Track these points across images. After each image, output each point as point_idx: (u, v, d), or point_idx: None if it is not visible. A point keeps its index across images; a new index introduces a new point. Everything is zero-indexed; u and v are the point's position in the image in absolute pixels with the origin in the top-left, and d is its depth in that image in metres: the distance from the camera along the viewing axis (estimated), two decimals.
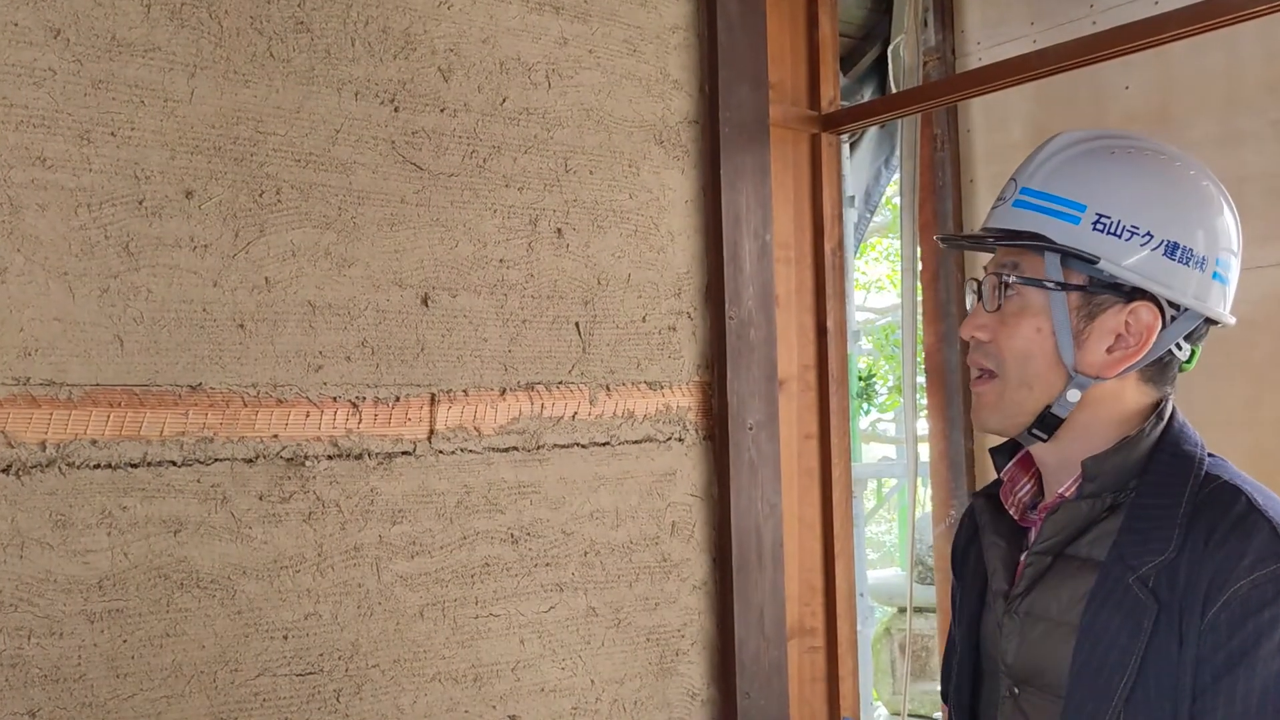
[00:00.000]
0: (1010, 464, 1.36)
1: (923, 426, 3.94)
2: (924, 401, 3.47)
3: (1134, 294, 1.22)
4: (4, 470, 1.56)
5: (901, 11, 3.36)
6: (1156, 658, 1.13)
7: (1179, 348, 1.24)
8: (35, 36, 1.61)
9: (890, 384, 8.68)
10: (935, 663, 5.17)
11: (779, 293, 2.41)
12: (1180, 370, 1.28)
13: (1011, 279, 1.25)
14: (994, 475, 1.40)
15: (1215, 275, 1.24)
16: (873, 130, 4.32)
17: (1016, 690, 1.26)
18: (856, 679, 2.46)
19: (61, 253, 1.62)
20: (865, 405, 8.64)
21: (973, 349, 1.31)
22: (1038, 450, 1.31)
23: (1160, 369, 1.26)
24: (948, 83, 2.55)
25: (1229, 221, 1.26)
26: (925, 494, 5.30)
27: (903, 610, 5.72)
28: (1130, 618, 1.15)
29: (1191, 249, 1.22)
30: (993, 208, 1.32)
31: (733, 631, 2.20)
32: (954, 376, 3.21)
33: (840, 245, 2.50)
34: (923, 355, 3.35)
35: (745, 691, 2.21)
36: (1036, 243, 1.23)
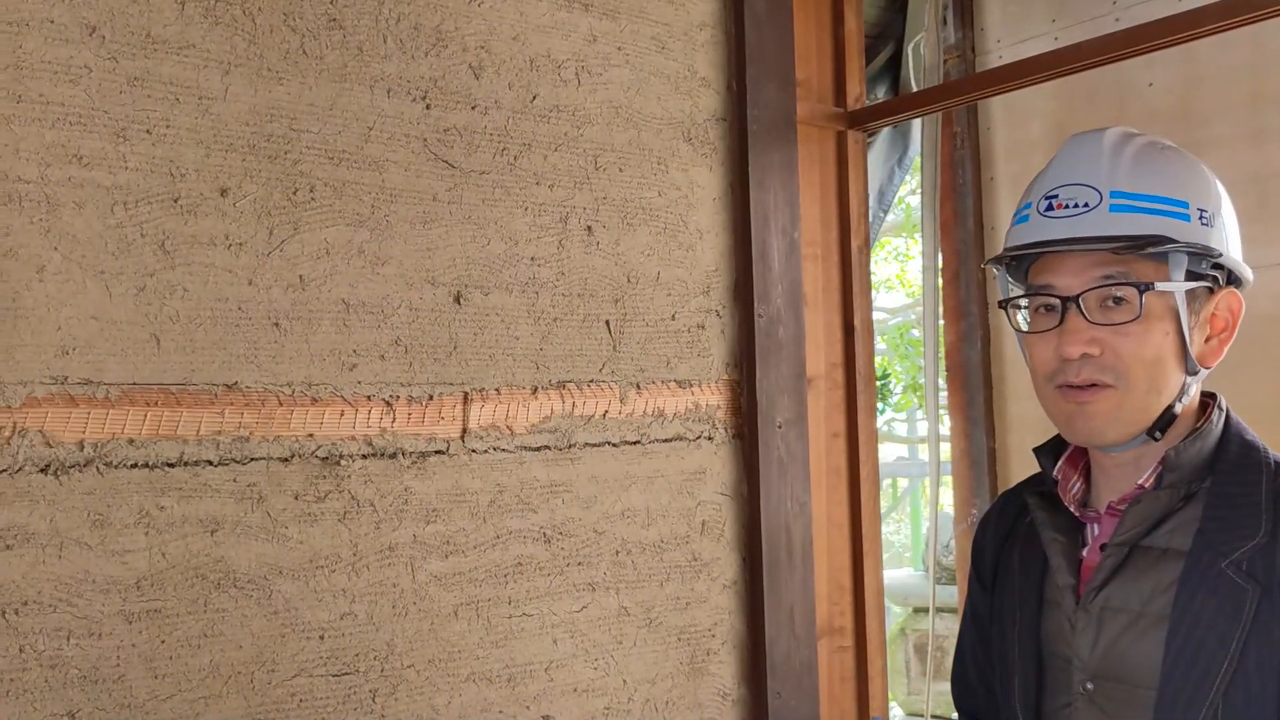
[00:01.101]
0: (1061, 463, 1.35)
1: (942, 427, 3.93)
2: (945, 400, 3.46)
3: (1215, 281, 1.24)
4: (42, 470, 1.55)
5: (920, 9, 3.35)
6: (1259, 641, 1.13)
7: None
8: (71, 34, 1.60)
9: (904, 384, 8.67)
10: (950, 663, 5.15)
11: (806, 291, 2.40)
12: None
13: (1154, 285, 1.21)
14: (1020, 469, 1.40)
15: None
16: (886, 130, 4.31)
17: (1091, 686, 1.24)
18: (885, 679, 2.45)
19: (98, 251, 1.61)
20: (879, 405, 8.63)
21: (1072, 367, 1.24)
22: (1098, 454, 1.30)
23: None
24: (972, 80, 2.54)
25: None
26: (944, 494, 5.29)
27: (917, 610, 5.70)
28: (1228, 602, 1.15)
29: (1237, 229, 1.28)
30: (1066, 215, 1.24)
31: (763, 631, 2.19)
32: (975, 376, 3.20)
33: (866, 243, 2.49)
34: (944, 354, 3.34)
35: (776, 691, 2.20)
36: (1164, 245, 1.20)
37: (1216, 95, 2.68)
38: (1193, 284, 1.23)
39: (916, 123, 3.52)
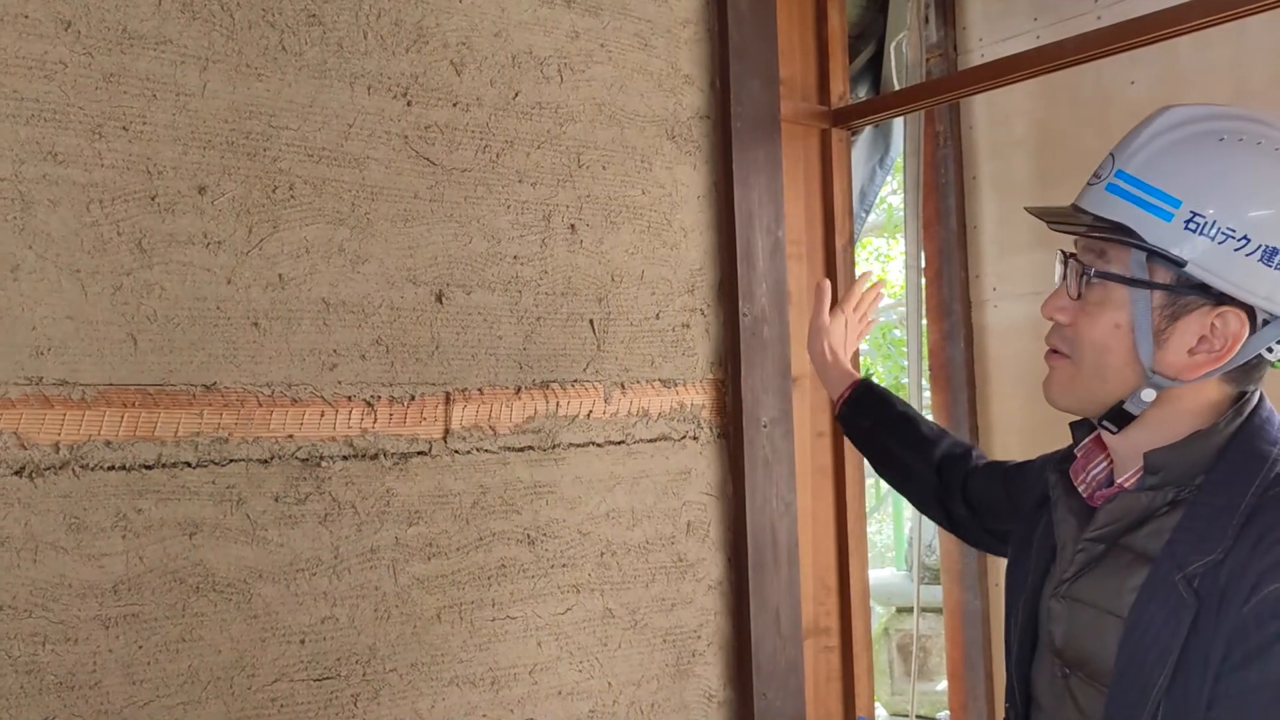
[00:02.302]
0: (1087, 440, 1.33)
1: None
2: (928, 399, 3.45)
3: (1223, 297, 1.15)
4: (17, 472, 1.53)
5: (901, 9, 3.35)
6: (1192, 656, 1.10)
7: (1270, 350, 1.18)
8: (45, 29, 1.58)
9: (886, 383, 8.68)
10: (933, 662, 5.16)
11: (791, 289, 2.39)
12: (1274, 366, 1.21)
13: (1092, 272, 1.20)
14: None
15: None
16: (867, 130, 4.31)
17: (1067, 672, 1.24)
18: (871, 678, 2.44)
19: (74, 249, 1.58)
20: None
21: (1052, 328, 1.27)
22: (1106, 436, 1.28)
23: (1245, 370, 1.20)
24: (955, 78, 2.53)
25: None
26: None
27: (900, 610, 5.70)
28: (1173, 615, 1.12)
29: None
30: (1088, 183, 1.24)
31: (749, 632, 2.18)
32: (959, 374, 3.19)
33: (850, 241, 2.48)
34: (927, 354, 3.33)
35: (762, 692, 2.18)
36: (1121, 237, 1.17)
37: (1198, 94, 2.69)
38: (1141, 286, 1.16)
39: (898, 122, 3.52)
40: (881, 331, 8.49)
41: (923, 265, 3.30)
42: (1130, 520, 1.21)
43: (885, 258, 9.22)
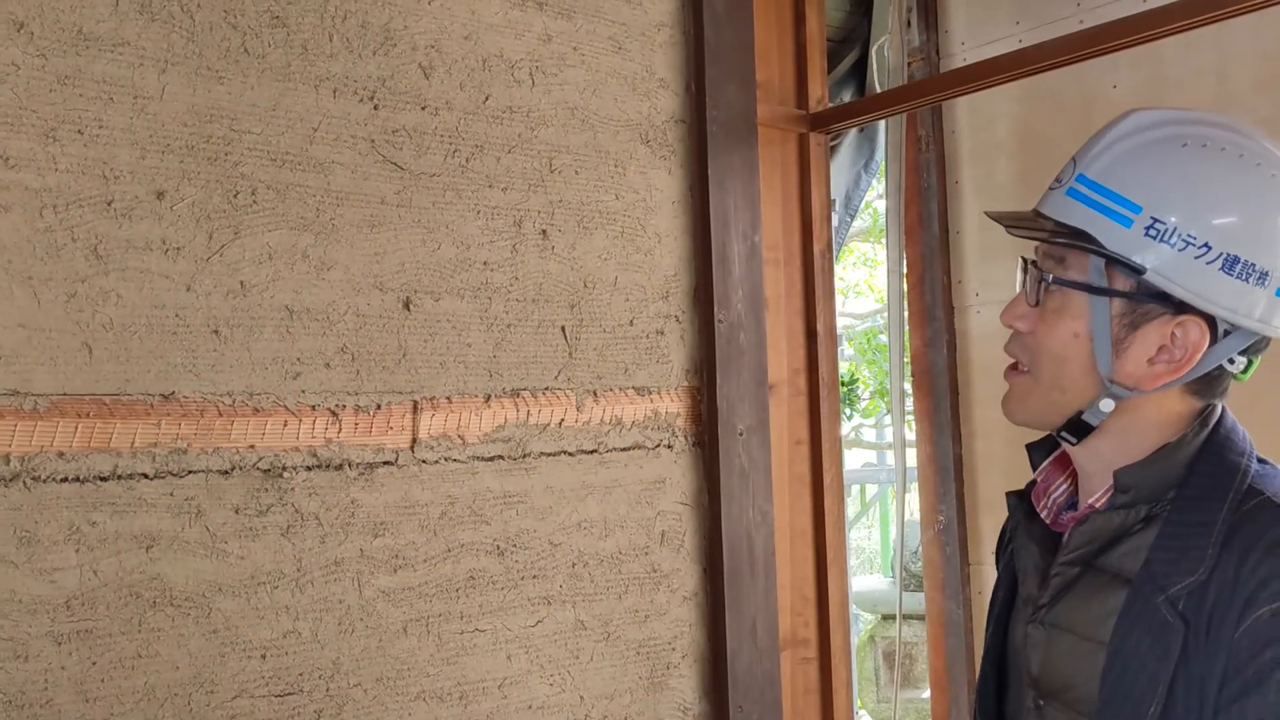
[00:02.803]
0: (1046, 464, 1.30)
1: (909, 432, 3.90)
2: (911, 406, 3.42)
3: (1184, 306, 1.11)
4: None
5: (883, 12, 3.32)
6: (1185, 682, 1.07)
7: (1231, 362, 1.15)
8: None
9: (872, 389, 8.65)
10: (918, 670, 5.12)
11: (768, 295, 2.36)
12: (1236, 379, 1.18)
13: (1050, 279, 1.16)
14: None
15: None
16: (852, 134, 4.27)
17: (1041, 703, 1.20)
18: (850, 690, 2.41)
19: (26, 256, 1.54)
20: (847, 411, 8.60)
21: (1011, 337, 1.24)
22: (1071, 451, 1.24)
23: (1208, 382, 1.17)
24: (936, 81, 2.50)
25: None
26: (911, 500, 5.26)
27: (886, 618, 5.67)
28: (1159, 641, 1.08)
29: (1254, 263, 1.10)
30: (1050, 188, 1.21)
31: (725, 643, 2.14)
32: (942, 380, 3.17)
33: (829, 247, 2.44)
34: (909, 359, 3.30)
35: (738, 705, 2.15)
36: (1079, 243, 1.14)
37: (1181, 98, 2.66)
38: (1100, 293, 1.13)
39: (882, 127, 3.49)
40: (866, 337, 8.47)
41: (905, 270, 3.27)
42: (1104, 541, 1.17)
43: (873, 262, 9.20)
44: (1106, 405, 1.16)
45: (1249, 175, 1.12)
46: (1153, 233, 1.11)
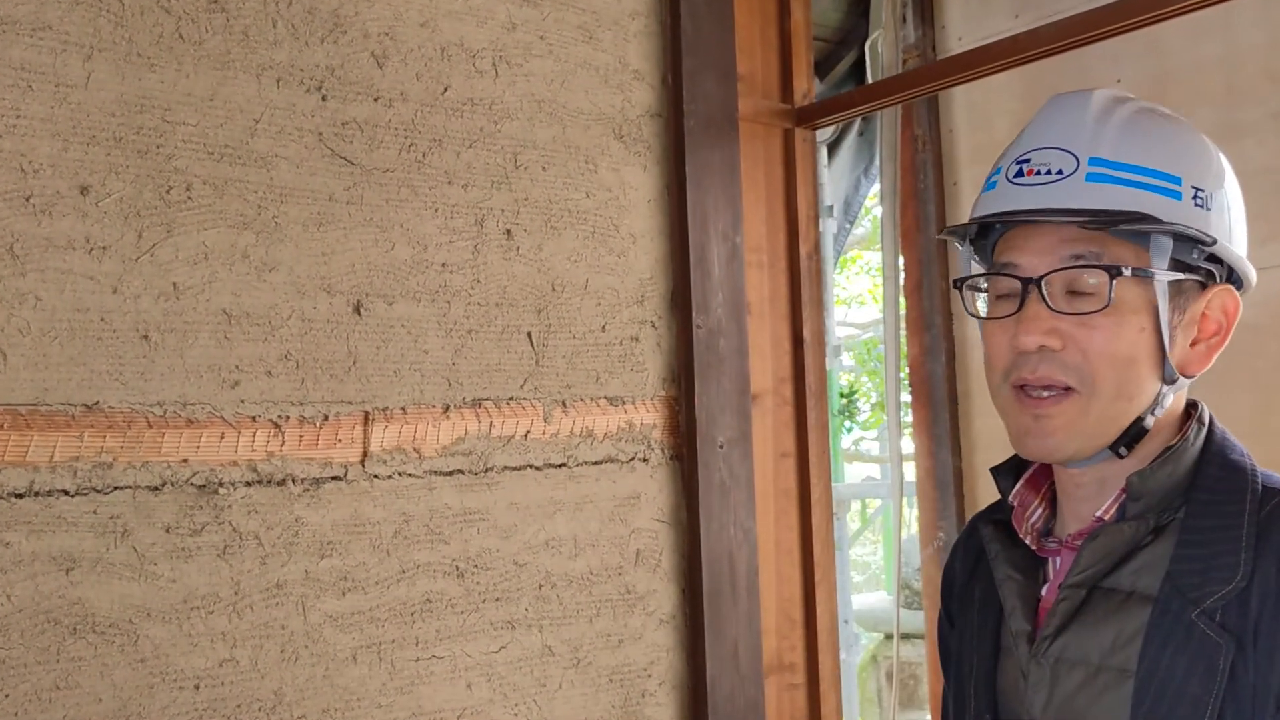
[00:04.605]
0: (1019, 485, 1.17)
1: (907, 445, 3.76)
2: (909, 418, 3.29)
3: (1211, 277, 1.08)
4: None
5: (879, 7, 3.20)
6: (1236, 705, 0.95)
7: None
8: None
9: (873, 401, 8.50)
10: (923, 691, 4.97)
11: (751, 300, 2.24)
12: None
13: (1129, 270, 1.03)
14: (987, 489, 1.22)
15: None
16: (851, 138, 4.15)
17: None
18: (840, 718, 2.28)
19: None
20: (848, 423, 8.46)
21: (1024, 360, 1.07)
22: (1076, 470, 1.11)
23: None
24: (929, 70, 2.38)
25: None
26: (911, 515, 5.13)
27: (889, 637, 5.52)
28: (1200, 660, 0.97)
29: (1242, 220, 1.11)
30: (1034, 184, 1.08)
31: (704, 669, 2.01)
32: (940, 390, 3.03)
33: (816, 249, 2.32)
34: (906, 369, 3.17)
35: None
36: (1145, 224, 1.03)
37: (1188, 90, 2.54)
38: (1178, 275, 1.05)
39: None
40: (866, 347, 8.31)
41: (901, 277, 3.15)
42: (1112, 558, 1.05)
43: (877, 270, 9.06)
44: (1167, 400, 1.08)
45: (1198, 135, 1.12)
46: (1199, 201, 1.06)
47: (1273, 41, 2.41)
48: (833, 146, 4.14)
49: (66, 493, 1.50)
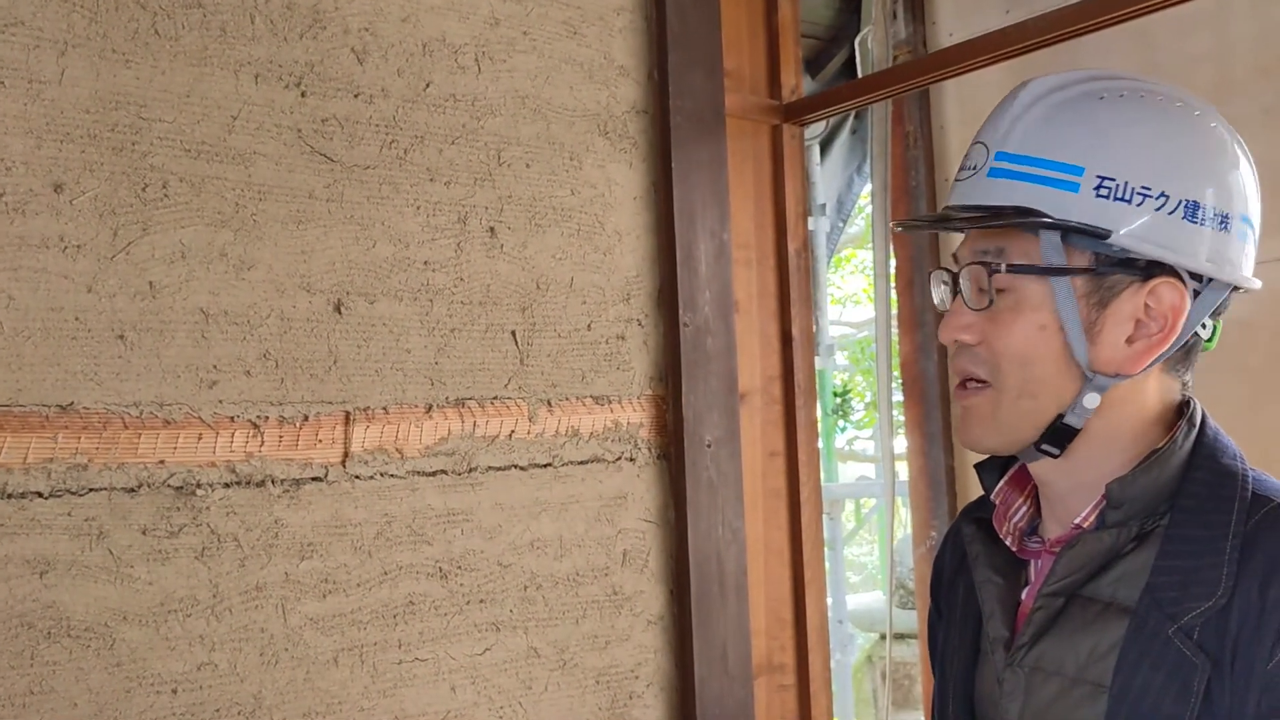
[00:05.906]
0: (1002, 483, 1.15)
1: (900, 444, 3.74)
2: (901, 417, 3.27)
3: (1151, 269, 1.01)
4: None
5: (870, 3, 3.18)
6: None
7: (1204, 326, 1.04)
8: None
9: (867, 400, 8.48)
10: (918, 691, 4.96)
11: (739, 297, 2.22)
12: (1203, 350, 1.08)
13: (1002, 267, 1.02)
14: (979, 491, 1.19)
15: (1240, 235, 1.04)
16: (844, 136, 4.13)
17: None
18: (830, 718, 2.26)
19: None
20: (842, 423, 8.43)
21: (956, 353, 1.08)
22: (1041, 468, 1.09)
23: (1184, 354, 1.06)
24: (918, 64, 2.36)
25: (1247, 169, 1.07)
26: (905, 514, 5.10)
27: (883, 637, 5.50)
28: (1175, 679, 0.94)
29: (1214, 207, 1.02)
30: (958, 179, 1.09)
31: (693, 670, 1.99)
32: (933, 389, 3.02)
33: (805, 246, 2.30)
34: (899, 367, 3.15)
35: None
36: (1027, 220, 1.01)
37: (1178, 84, 2.51)
38: (1085, 269, 1.01)
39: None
40: (860, 346, 8.29)
41: (893, 274, 3.13)
42: (1091, 567, 1.02)
43: (871, 268, 9.02)
44: (1091, 400, 1.03)
45: (1177, 118, 1.04)
46: (1104, 192, 1.00)
47: (1264, 35, 2.39)
48: (825, 144, 4.12)
49: (40, 495, 1.48)
